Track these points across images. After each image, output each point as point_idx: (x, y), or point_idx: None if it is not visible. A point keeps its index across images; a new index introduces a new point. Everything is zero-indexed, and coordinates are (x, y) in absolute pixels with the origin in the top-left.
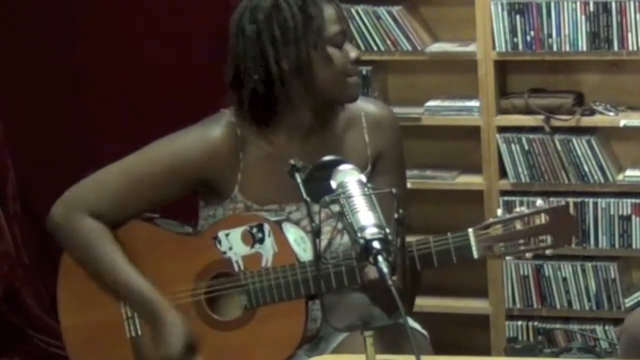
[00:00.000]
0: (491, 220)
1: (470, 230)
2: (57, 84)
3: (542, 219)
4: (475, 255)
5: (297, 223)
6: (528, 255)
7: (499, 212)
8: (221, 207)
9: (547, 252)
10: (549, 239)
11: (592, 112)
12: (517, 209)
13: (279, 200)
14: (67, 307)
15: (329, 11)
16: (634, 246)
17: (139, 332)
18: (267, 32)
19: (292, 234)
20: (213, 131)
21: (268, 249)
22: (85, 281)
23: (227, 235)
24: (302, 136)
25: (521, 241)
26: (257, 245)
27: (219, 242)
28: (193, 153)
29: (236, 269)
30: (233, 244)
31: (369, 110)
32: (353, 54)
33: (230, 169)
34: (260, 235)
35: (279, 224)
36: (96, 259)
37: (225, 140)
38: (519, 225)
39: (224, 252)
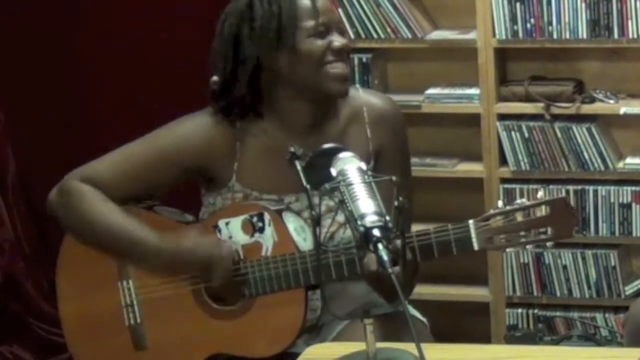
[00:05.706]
0: (492, 211)
1: (470, 221)
2: (58, 75)
3: (543, 210)
4: (476, 247)
5: (297, 214)
6: (529, 247)
7: (500, 203)
8: (220, 196)
9: (548, 244)
10: (549, 231)
11: (592, 100)
12: (518, 201)
13: (278, 191)
14: (66, 295)
15: (303, 4)
16: (634, 234)
17: (138, 320)
18: (244, 30)
19: (292, 222)
20: (212, 119)
21: (268, 238)
22: (84, 269)
23: (227, 224)
24: (302, 132)
25: (522, 233)
26: (257, 235)
27: (219, 230)
28: (191, 139)
29: (236, 258)
30: (233, 232)
31: (372, 104)
32: (336, 43)
33: (227, 158)
34: (260, 224)
35: (279, 213)
36: (95, 221)
37: (223, 128)
38: (519, 217)
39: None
